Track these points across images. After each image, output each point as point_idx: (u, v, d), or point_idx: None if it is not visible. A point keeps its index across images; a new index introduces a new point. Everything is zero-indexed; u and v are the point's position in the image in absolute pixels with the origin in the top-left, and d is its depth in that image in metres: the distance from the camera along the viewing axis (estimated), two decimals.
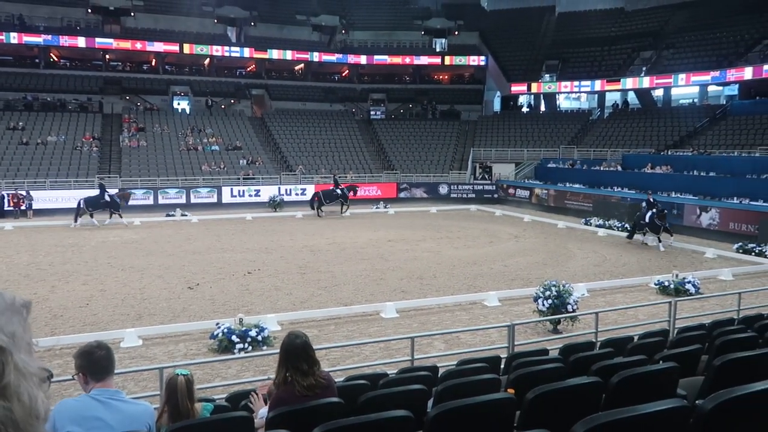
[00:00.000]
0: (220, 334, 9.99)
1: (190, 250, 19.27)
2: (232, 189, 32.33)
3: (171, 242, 20.98)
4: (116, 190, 27.03)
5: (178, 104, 43.60)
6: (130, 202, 27.59)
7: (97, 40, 41.00)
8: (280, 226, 25.32)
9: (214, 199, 31.57)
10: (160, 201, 30.43)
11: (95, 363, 3.11)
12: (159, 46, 42.39)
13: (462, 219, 28.35)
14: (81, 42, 40.52)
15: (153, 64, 44.48)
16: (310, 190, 33.58)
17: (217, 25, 45.60)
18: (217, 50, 43.75)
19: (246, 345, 9.89)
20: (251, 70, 47.55)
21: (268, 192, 32.07)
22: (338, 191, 28.99)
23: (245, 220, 27.46)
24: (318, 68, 47.85)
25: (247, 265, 16.87)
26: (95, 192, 25.84)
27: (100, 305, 12.66)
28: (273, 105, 44.40)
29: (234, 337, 9.89)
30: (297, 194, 33.02)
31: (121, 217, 25.30)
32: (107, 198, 24.95)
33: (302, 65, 47.73)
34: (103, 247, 19.85)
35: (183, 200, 30.72)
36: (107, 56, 43.11)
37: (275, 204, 30.94)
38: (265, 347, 9.90)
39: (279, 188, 32.63)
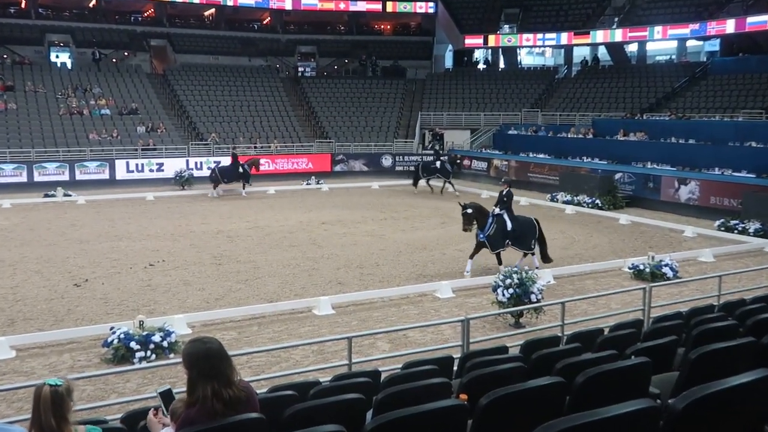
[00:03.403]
0: (116, 341, 9.78)
1: (75, 239, 18.67)
2: (128, 162, 31.35)
3: (51, 229, 20.22)
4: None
5: (57, 57, 41.57)
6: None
7: None
8: (190, 208, 24.85)
9: (106, 175, 30.61)
10: (36, 178, 29.22)
11: None
12: None
13: (409, 196, 28.56)
14: None
15: (22, 5, 42.17)
16: (226, 162, 32.93)
17: None
18: None
19: (148, 353, 9.73)
20: (149, 15, 45.89)
21: (173, 166, 31.27)
22: (437, 165, 29.26)
23: (145, 200, 26.77)
24: (233, 14, 46.67)
25: (148, 256, 16.51)
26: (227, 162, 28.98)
27: None
28: (177, 59, 43.10)
29: (133, 344, 9.70)
30: (209, 168, 32.33)
31: (251, 185, 28.83)
32: (240, 169, 28.00)
33: (213, 10, 46.43)
34: None
35: (66, 177, 29.61)
36: None
37: (183, 180, 30.25)
38: (172, 355, 9.75)
39: (187, 161, 31.94)
